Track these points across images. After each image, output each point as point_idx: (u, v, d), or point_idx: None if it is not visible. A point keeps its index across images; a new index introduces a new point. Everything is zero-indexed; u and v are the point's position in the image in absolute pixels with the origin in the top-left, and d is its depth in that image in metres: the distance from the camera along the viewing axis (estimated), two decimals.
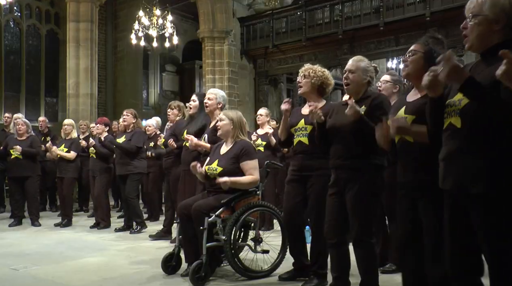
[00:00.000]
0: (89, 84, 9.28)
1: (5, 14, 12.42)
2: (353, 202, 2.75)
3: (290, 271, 3.43)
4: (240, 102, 12.89)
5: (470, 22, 1.82)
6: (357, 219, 2.74)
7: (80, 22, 9.26)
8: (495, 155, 1.69)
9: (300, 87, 3.31)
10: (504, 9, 1.76)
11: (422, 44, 2.36)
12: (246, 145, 3.59)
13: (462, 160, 1.78)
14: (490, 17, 1.77)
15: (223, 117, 3.65)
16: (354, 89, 2.87)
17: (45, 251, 4.64)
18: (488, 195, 1.68)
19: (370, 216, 2.79)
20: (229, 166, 3.49)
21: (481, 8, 1.79)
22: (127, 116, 5.81)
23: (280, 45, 12.62)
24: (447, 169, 1.86)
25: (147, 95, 15.38)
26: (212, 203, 3.43)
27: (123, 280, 3.52)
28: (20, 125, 6.44)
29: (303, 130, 3.25)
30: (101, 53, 13.11)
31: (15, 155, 6.29)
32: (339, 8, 11.32)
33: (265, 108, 6.27)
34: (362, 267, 2.79)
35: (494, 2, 1.77)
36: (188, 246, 3.49)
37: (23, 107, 12.48)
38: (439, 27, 9.68)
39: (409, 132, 2.20)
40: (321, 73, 3.27)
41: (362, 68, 2.85)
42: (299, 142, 3.27)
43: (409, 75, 2.39)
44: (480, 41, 1.81)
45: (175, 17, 11.56)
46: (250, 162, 3.51)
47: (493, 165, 1.69)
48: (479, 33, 1.80)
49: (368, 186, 2.73)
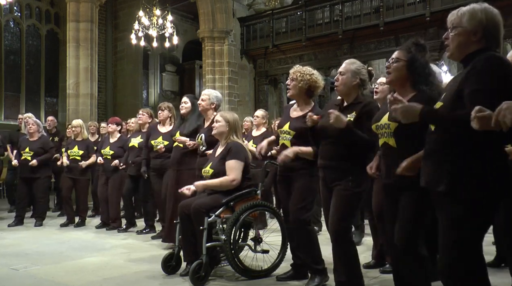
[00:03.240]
0: (89, 84, 9.26)
1: (5, 14, 12.42)
2: (334, 199, 2.86)
3: (288, 271, 3.46)
4: (240, 102, 12.89)
5: (451, 33, 2.00)
6: (336, 214, 2.84)
7: (80, 22, 9.24)
8: (455, 158, 1.88)
9: (288, 90, 3.36)
10: (481, 22, 1.93)
11: (405, 51, 2.43)
12: (234, 145, 3.60)
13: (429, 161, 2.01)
14: (468, 29, 1.94)
15: (220, 119, 3.67)
16: (343, 90, 2.94)
17: (45, 251, 4.65)
18: (446, 193, 1.89)
19: (348, 213, 2.88)
20: (219, 167, 3.54)
21: (460, 20, 1.97)
22: (143, 115, 5.79)
23: (280, 45, 12.63)
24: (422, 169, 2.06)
25: (147, 95, 15.37)
26: (211, 203, 3.44)
27: (123, 280, 3.52)
28: (30, 125, 6.42)
29: (287, 134, 3.32)
30: (101, 53, 13.10)
31: (26, 156, 6.28)
32: (339, 8, 11.33)
33: (263, 110, 6.27)
34: (341, 262, 2.88)
35: (472, 16, 1.94)
36: (187, 246, 3.50)
37: (23, 107, 12.46)
38: (439, 27, 9.69)
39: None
40: (308, 76, 3.26)
41: (352, 71, 2.91)
42: (283, 145, 3.34)
43: (392, 82, 2.47)
44: (459, 51, 1.99)
45: (175, 17, 11.56)
46: (230, 161, 3.52)
47: (453, 167, 1.88)
48: (458, 43, 1.97)
49: (352, 186, 2.82)
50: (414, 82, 2.40)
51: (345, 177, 2.82)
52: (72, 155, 6.33)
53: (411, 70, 2.38)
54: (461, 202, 1.85)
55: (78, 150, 6.32)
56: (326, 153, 2.94)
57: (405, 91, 2.42)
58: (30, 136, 6.44)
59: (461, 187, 1.85)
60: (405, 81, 2.42)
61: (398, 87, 2.47)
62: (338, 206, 2.84)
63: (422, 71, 2.39)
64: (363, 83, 2.95)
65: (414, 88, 2.40)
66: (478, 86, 1.79)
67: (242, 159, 3.56)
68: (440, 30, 9.69)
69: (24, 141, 6.46)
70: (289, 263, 3.50)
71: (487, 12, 1.94)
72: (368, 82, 3.01)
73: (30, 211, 7.02)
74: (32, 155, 6.29)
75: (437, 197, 1.96)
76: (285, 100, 13.30)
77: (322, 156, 2.98)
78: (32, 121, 6.49)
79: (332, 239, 2.90)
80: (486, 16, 1.93)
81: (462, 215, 1.85)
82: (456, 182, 1.86)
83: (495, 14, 1.96)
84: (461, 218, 1.85)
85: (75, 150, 6.33)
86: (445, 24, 2.06)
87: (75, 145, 6.38)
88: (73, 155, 6.32)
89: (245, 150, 3.68)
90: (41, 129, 6.54)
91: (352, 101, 2.93)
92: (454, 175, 1.87)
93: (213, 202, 3.45)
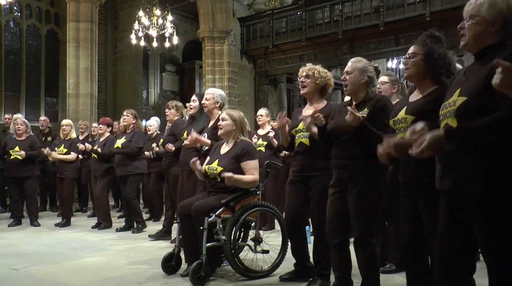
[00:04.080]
0: (89, 84, 9.27)
1: (5, 14, 12.42)
2: (355, 201, 2.74)
3: (292, 272, 3.43)
4: (240, 102, 12.89)
5: (468, 22, 1.86)
6: (359, 219, 2.73)
7: (80, 22, 9.25)
8: (489, 155, 1.71)
9: (303, 87, 3.27)
10: (502, 12, 1.80)
11: (420, 45, 2.35)
12: (248, 145, 3.60)
13: (458, 160, 1.80)
14: (487, 19, 1.82)
15: (226, 117, 3.64)
16: (352, 90, 2.88)
17: (45, 251, 4.64)
18: (483, 194, 1.70)
19: (372, 216, 2.78)
20: (230, 166, 3.49)
21: (479, 9, 1.83)
22: (127, 116, 5.81)
23: (280, 45, 12.62)
24: (444, 169, 1.88)
25: (147, 95, 15.37)
26: (212, 203, 3.43)
27: (123, 280, 3.51)
28: (19, 125, 6.42)
29: (304, 131, 3.24)
30: (101, 53, 13.10)
31: (14, 156, 6.28)
32: (339, 8, 11.33)
33: (265, 109, 6.26)
34: (363, 267, 2.78)
35: (492, 4, 1.81)
36: (188, 246, 3.49)
37: (23, 107, 12.48)
38: (439, 27, 9.68)
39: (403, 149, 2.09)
40: (324, 74, 3.26)
41: (359, 69, 2.85)
42: (301, 143, 3.26)
43: (411, 77, 2.39)
44: (475, 41, 1.86)
45: (175, 17, 11.56)
46: (250, 162, 3.52)
47: (488, 165, 1.70)
48: (475, 33, 1.85)
49: (370, 186, 2.72)
50: (434, 75, 2.32)
51: (360, 176, 2.72)
52: (58, 153, 6.44)
53: (430, 63, 2.30)
54: (499, 205, 1.68)
55: (63, 148, 6.43)
56: (340, 152, 2.84)
57: (426, 85, 2.35)
58: (18, 136, 6.42)
59: (495, 188, 1.68)
60: (424, 75, 2.34)
61: (417, 82, 2.39)
62: (358, 211, 2.72)
63: (442, 63, 2.31)
64: (371, 81, 2.89)
65: (435, 81, 2.32)
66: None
67: (257, 157, 3.61)
68: (440, 30, 9.60)
69: (11, 140, 6.43)
70: (290, 263, 3.49)
71: (508, 1, 1.82)
72: (375, 79, 2.96)
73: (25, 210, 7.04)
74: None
75: (465, 200, 1.77)
76: (285, 100, 13.32)
77: (335, 155, 2.88)
78: (21, 122, 6.51)
79: (357, 246, 2.78)
80: (508, 5, 1.81)
81: (504, 220, 1.67)
82: (489, 182, 1.68)
83: None
84: (506, 224, 1.67)
85: (61, 148, 6.44)
86: (445, 24, 2.04)
87: (62, 144, 6.53)
88: (59, 153, 6.44)
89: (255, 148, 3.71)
90: (29, 130, 6.54)
91: (362, 99, 2.86)
92: (487, 175, 1.69)
93: (213, 202, 3.44)
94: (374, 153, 2.63)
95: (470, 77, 1.86)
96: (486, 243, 1.72)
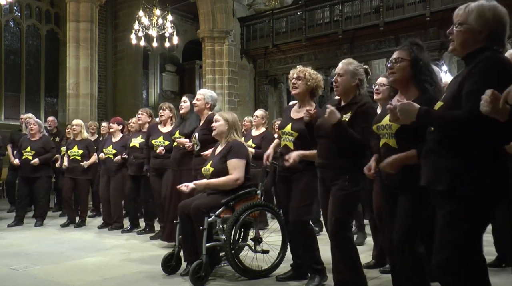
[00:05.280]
0: (89, 84, 9.26)
1: (5, 14, 12.42)
2: (332, 199, 2.86)
3: (288, 271, 3.46)
4: (240, 102, 12.89)
5: (456, 28, 1.98)
6: (334, 214, 2.84)
7: (80, 22, 9.24)
8: (457, 156, 1.88)
9: (295, 89, 3.32)
10: (488, 22, 1.91)
11: (407, 51, 2.44)
12: (235, 144, 3.60)
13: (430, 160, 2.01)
14: (474, 27, 1.93)
15: (219, 118, 3.67)
16: (343, 91, 2.97)
17: (45, 251, 4.64)
18: (448, 192, 1.89)
19: (346, 213, 2.89)
20: (219, 166, 3.54)
21: (467, 18, 1.95)
22: (142, 115, 5.78)
23: (280, 45, 12.63)
24: (422, 168, 2.06)
25: (147, 95, 15.37)
26: (211, 203, 3.44)
27: (123, 280, 3.52)
28: (32, 125, 6.42)
29: (289, 135, 3.30)
30: (101, 53, 13.10)
31: (27, 156, 6.28)
32: (339, 8, 11.33)
33: (263, 110, 6.25)
34: (343, 263, 2.87)
35: (480, 14, 1.92)
36: (187, 246, 3.49)
37: (23, 107, 12.46)
38: (439, 27, 9.70)
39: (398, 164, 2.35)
40: (315, 75, 3.32)
41: (350, 71, 2.94)
42: (285, 146, 3.33)
43: (396, 81, 2.48)
44: (462, 48, 1.99)
45: (175, 17, 11.56)
46: (233, 160, 3.51)
47: (455, 165, 1.88)
48: (463, 40, 1.97)
49: (350, 186, 2.83)
50: (418, 81, 2.41)
51: (342, 176, 2.83)
52: (72, 155, 6.29)
53: (415, 70, 2.40)
54: (459, 201, 1.85)
55: (78, 149, 6.29)
56: (323, 152, 2.96)
57: (408, 90, 2.44)
58: (31, 136, 6.43)
59: (459, 186, 1.84)
60: (408, 81, 2.43)
61: (401, 87, 2.48)
62: (335, 206, 2.85)
63: (426, 70, 2.41)
64: (361, 83, 2.97)
65: (418, 88, 2.41)
66: (476, 86, 1.79)
67: (243, 157, 3.56)
68: (440, 30, 9.70)
69: (25, 141, 6.45)
70: (289, 263, 3.50)
71: (495, 11, 1.92)
72: (365, 81, 3.03)
73: (31, 211, 7.02)
74: (33, 155, 6.28)
75: (436, 196, 1.96)
76: (285, 100, 13.30)
77: (319, 155, 2.99)
78: (34, 122, 6.48)
79: (331, 239, 2.90)
80: (494, 16, 1.91)
81: (460, 214, 1.85)
82: (454, 181, 1.86)
83: (503, 14, 1.94)
84: (459, 217, 1.85)
85: (74, 149, 6.30)
86: (445, 24, 2.08)
87: (74, 145, 6.35)
88: (73, 155, 6.29)
89: (246, 148, 3.69)
90: (42, 130, 6.53)
91: (349, 101, 2.95)
92: (453, 174, 1.86)
93: (213, 202, 3.45)
94: (355, 153, 2.73)
95: (452, 82, 2.03)
96: (440, 231, 1.91)
